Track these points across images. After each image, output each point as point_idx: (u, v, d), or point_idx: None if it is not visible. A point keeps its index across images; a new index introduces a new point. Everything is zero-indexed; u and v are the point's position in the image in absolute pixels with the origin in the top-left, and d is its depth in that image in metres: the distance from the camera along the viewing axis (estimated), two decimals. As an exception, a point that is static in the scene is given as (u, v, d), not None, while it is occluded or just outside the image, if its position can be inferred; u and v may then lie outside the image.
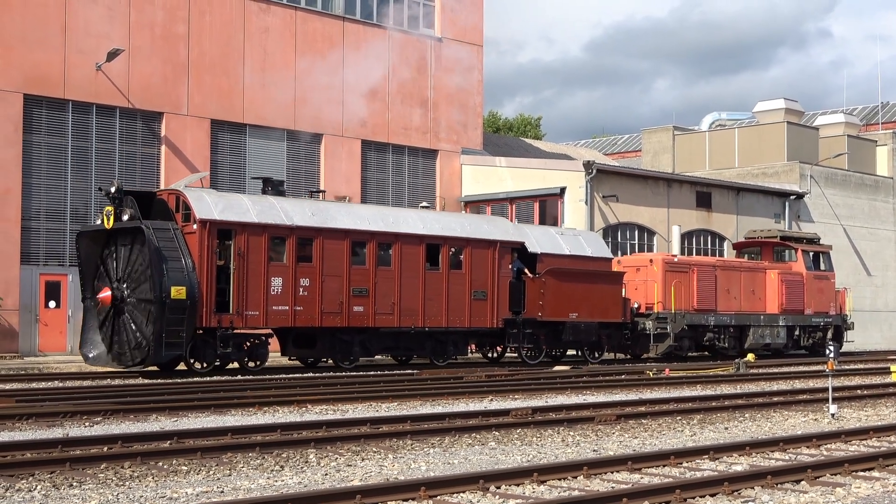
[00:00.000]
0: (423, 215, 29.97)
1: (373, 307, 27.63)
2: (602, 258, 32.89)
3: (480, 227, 30.48)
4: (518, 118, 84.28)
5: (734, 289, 36.65)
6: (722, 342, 36.17)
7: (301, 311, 26.36)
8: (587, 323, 31.81)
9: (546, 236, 32.01)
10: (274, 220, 26.05)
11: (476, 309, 29.65)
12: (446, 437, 14.19)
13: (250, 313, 25.52)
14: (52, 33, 32.06)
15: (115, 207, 25.02)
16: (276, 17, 37.11)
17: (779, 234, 40.32)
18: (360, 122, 39.25)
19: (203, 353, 25.44)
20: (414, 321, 28.46)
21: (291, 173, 37.36)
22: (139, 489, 10.23)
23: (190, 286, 24.32)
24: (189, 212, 25.10)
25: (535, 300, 30.63)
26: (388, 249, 28.14)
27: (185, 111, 34.74)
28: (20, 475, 10.70)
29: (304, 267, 26.50)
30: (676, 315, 34.32)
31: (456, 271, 29.45)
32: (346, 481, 10.79)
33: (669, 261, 35.21)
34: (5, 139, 30.89)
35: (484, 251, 29.96)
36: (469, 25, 42.88)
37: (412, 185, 41.02)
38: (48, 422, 15.30)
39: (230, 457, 12.10)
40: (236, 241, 25.35)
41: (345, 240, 27.16)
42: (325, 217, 27.13)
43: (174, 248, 24.47)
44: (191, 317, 24.40)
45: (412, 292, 28.38)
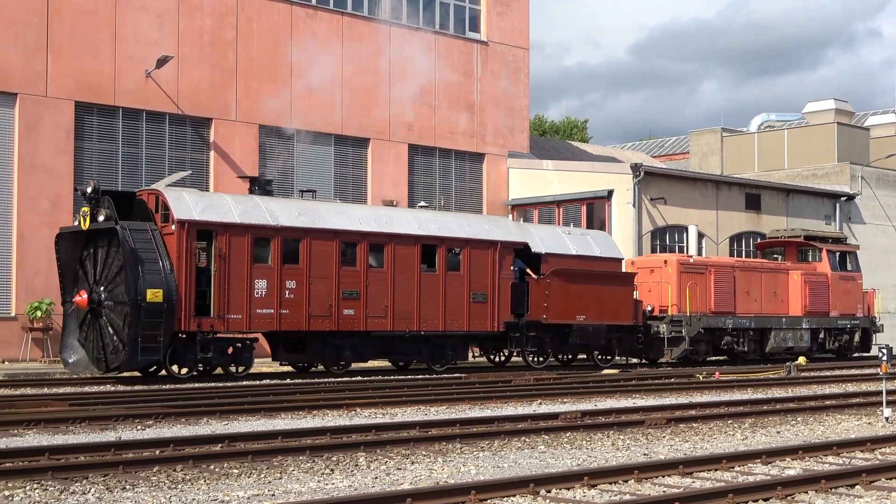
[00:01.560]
0: (420, 215, 29.10)
1: (364, 310, 26.73)
2: (612, 258, 31.87)
3: (480, 227, 29.60)
4: (564, 121, 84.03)
5: (754, 290, 35.53)
6: (741, 346, 34.96)
7: (287, 315, 25.53)
8: (595, 326, 30.74)
9: (551, 236, 31.11)
10: (258, 220, 25.24)
11: (475, 312, 28.74)
12: (495, 440, 14.16)
13: (232, 317, 24.71)
14: (103, 41, 32.42)
15: (91, 208, 24.25)
16: (323, 22, 37.28)
17: (802, 233, 39.17)
18: (406, 127, 39.33)
19: (183, 358, 24.63)
20: (408, 325, 27.55)
21: (338, 178, 37.50)
22: (191, 492, 10.30)
23: (167, 289, 23.50)
24: (168, 212, 24.31)
25: (540, 302, 29.65)
26: (380, 250, 27.25)
27: (234, 117, 34.98)
28: (74, 478, 10.81)
29: (291, 269, 25.66)
30: (692, 318, 33.28)
31: (453, 273, 28.51)
32: (396, 485, 10.80)
33: (685, 262, 34.18)
34: (57, 146, 31.27)
35: (483, 252, 29.01)
36: (515, 29, 42.83)
37: (459, 189, 41.03)
38: (101, 425, 15.44)
39: (280, 460, 12.15)
40: (217, 242, 24.51)
41: (334, 240, 26.29)
42: (312, 217, 26.30)
43: (151, 249, 23.67)
44: (168, 320, 23.53)
45: (406, 295, 27.49)
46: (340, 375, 26.64)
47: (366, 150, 38.39)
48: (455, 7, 41.27)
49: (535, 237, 30.41)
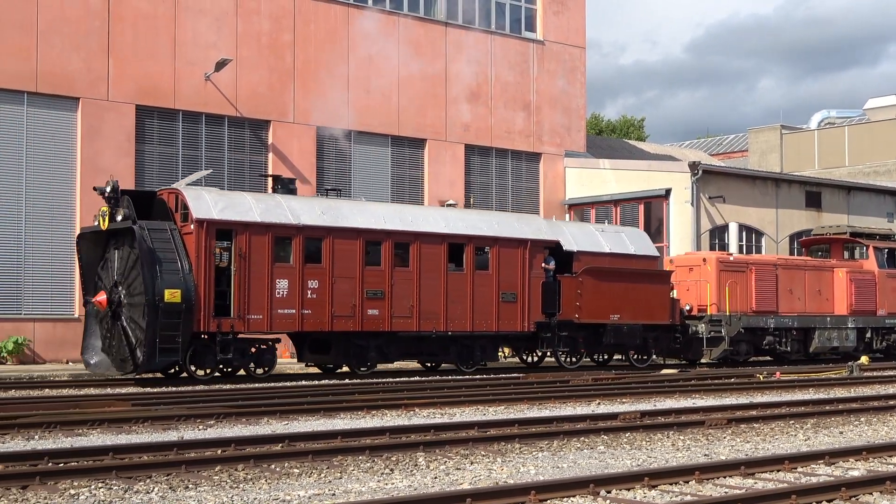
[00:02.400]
0: (447, 214, 28.63)
1: (389, 310, 26.32)
2: (647, 256, 31.28)
3: (509, 225, 29.04)
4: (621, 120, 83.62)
5: (797, 289, 34.51)
6: (784, 346, 33.95)
7: (309, 315, 25.14)
8: (630, 325, 30.17)
9: (584, 234, 30.58)
10: (279, 219, 24.90)
11: (505, 311, 28.24)
12: (554, 440, 14.13)
13: (253, 317, 24.38)
14: (163, 45, 32.80)
15: (109, 208, 24.03)
16: (380, 23, 37.39)
17: (848, 230, 38.03)
18: (463, 127, 39.35)
19: (203, 360, 24.32)
20: (435, 325, 27.11)
21: (395, 179, 37.61)
22: (252, 491, 10.38)
23: (185, 289, 23.22)
24: (187, 211, 24.04)
25: (572, 301, 29.17)
26: (405, 249, 26.82)
27: (292, 119, 35.21)
28: (138, 477, 10.94)
29: (313, 268, 25.27)
30: (732, 317, 32.44)
31: (482, 272, 28.03)
32: (456, 485, 10.81)
33: (724, 260, 33.27)
34: (119, 149, 31.68)
35: (513, 250, 28.49)
36: (571, 28, 42.69)
37: (515, 188, 40.98)
38: (163, 425, 15.61)
39: (340, 459, 12.22)
40: (237, 242, 24.21)
41: (357, 239, 25.91)
42: (335, 216, 25.88)
43: (170, 248, 23.41)
44: (187, 321, 23.24)
45: (433, 294, 27.03)
46: (366, 377, 26.26)
47: (422, 151, 38.47)
48: (511, 7, 41.23)
49: (567, 235, 29.91)
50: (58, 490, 10.23)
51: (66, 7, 31.15)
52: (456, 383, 24.10)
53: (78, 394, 20.96)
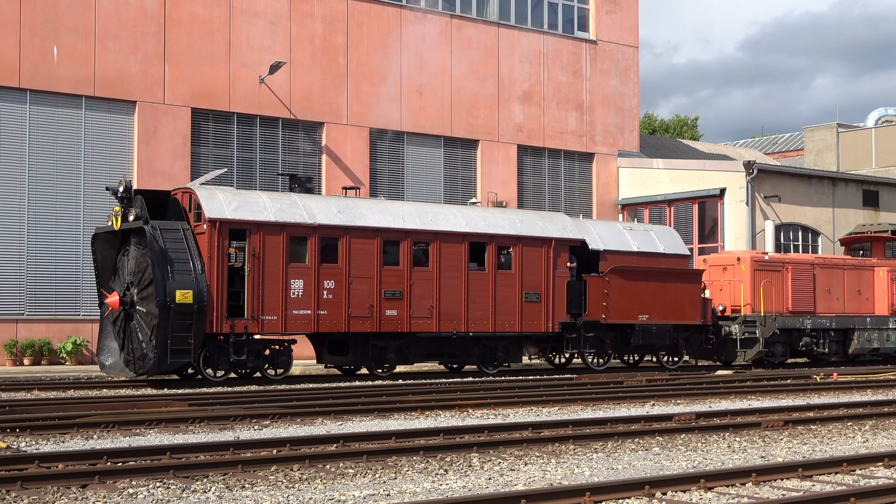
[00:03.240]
0: (468, 212, 28.05)
1: (408, 311, 25.91)
2: (677, 255, 30.68)
3: (533, 224, 28.48)
4: (674, 119, 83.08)
5: (836, 289, 33.68)
6: (821, 347, 33.12)
7: (325, 316, 24.78)
8: (660, 325, 29.63)
9: (611, 232, 30.03)
10: (294, 218, 24.55)
11: (528, 312, 27.69)
12: (609, 441, 14.08)
13: (267, 318, 24.05)
14: (218, 49, 33.11)
15: (122, 207, 23.75)
16: (432, 24, 37.48)
17: (889, 227, 37.16)
18: (515, 127, 39.32)
19: (216, 361, 24.00)
20: (456, 326, 26.66)
21: (448, 179, 37.66)
22: (308, 491, 10.45)
23: (198, 289, 22.93)
24: (200, 211, 23.71)
25: (599, 301, 28.67)
26: (425, 249, 26.40)
27: (345, 120, 35.38)
28: (195, 476, 11.05)
29: (329, 268, 24.91)
30: (766, 318, 31.70)
31: (504, 271, 27.53)
32: (510, 486, 10.82)
33: (759, 259, 32.48)
34: (174, 152, 32.02)
35: (537, 249, 27.95)
36: (624, 27, 42.50)
37: (568, 189, 40.87)
38: (219, 425, 15.76)
39: (395, 460, 12.26)
40: (251, 241, 23.89)
41: (375, 239, 25.51)
42: (352, 215, 25.50)
43: (182, 249, 23.11)
44: (199, 322, 22.94)
45: (453, 295, 26.60)
46: (385, 378, 25.98)
47: (475, 152, 38.48)
48: (563, 7, 41.13)
49: (594, 234, 29.40)
50: (117, 489, 10.37)
51: (122, 12, 31.54)
52: (509, 384, 24.10)
53: (135, 394, 21.23)
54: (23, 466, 11.28)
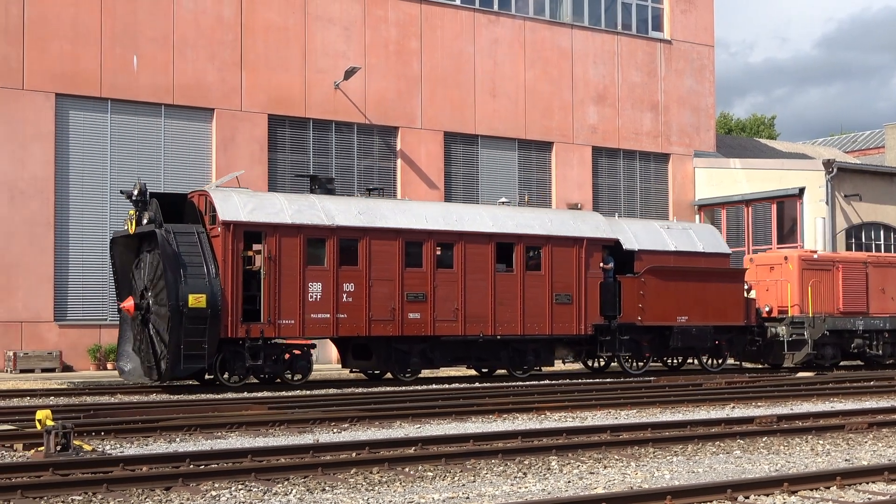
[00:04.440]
0: (495, 212, 27.32)
1: (432, 313, 25.19)
2: (717, 254, 29.79)
3: (564, 223, 27.65)
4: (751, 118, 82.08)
5: (891, 288, 32.27)
6: (875, 349, 31.74)
7: (345, 319, 24.15)
8: (700, 327, 28.74)
9: (647, 231, 29.16)
10: (311, 220, 23.99)
11: (559, 314, 26.82)
12: (689, 444, 13.94)
13: (284, 322, 23.51)
14: (293, 55, 33.43)
15: (136, 211, 23.43)
16: (505, 27, 37.47)
17: None
18: (590, 129, 39.16)
19: (232, 366, 23.44)
20: (483, 329, 25.87)
21: (523, 182, 37.61)
22: (388, 494, 10.49)
23: (211, 294, 22.45)
24: (215, 213, 23.30)
25: (634, 303, 27.81)
26: (449, 250, 25.67)
27: (420, 125, 35.52)
28: (276, 479, 11.15)
29: (349, 270, 24.29)
30: (815, 319, 30.57)
31: (533, 272, 26.70)
32: (590, 489, 10.76)
33: (807, 258, 31.38)
34: (252, 158, 32.39)
35: (567, 249, 27.12)
36: (699, 26, 42.11)
37: (644, 190, 40.59)
38: (299, 428, 15.88)
39: (473, 463, 12.26)
40: (267, 244, 23.39)
41: (396, 240, 24.87)
42: (373, 216, 24.89)
43: (196, 252, 22.66)
44: (213, 327, 22.46)
45: (480, 297, 25.82)
46: (409, 383, 25.24)
47: (550, 154, 38.38)
48: (637, 7, 40.88)
49: (628, 233, 28.60)
50: (199, 491, 10.50)
51: (200, 20, 32.00)
52: (586, 387, 23.98)
53: (216, 397, 21.48)
54: (108, 469, 11.48)
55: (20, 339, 29.10)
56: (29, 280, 29.25)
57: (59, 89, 30.05)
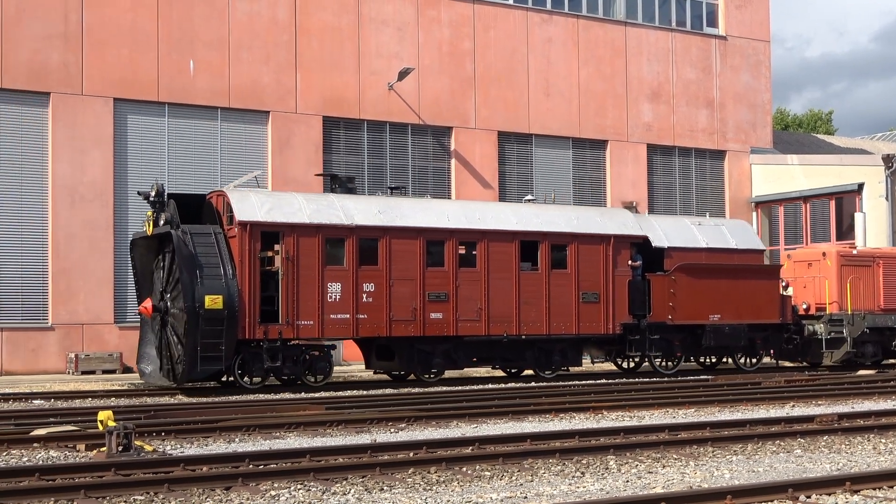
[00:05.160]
0: (520, 210, 26.95)
1: (454, 313, 24.83)
2: (751, 250, 29.14)
3: (590, 220, 27.22)
4: (807, 114, 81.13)
5: None
6: None
7: (365, 320, 23.84)
8: (734, 325, 28.17)
9: (677, 228, 28.64)
10: (330, 219, 23.73)
11: (586, 313, 26.35)
12: (748, 444, 13.84)
13: (303, 323, 23.24)
14: (347, 57, 33.59)
15: (154, 212, 23.23)
16: (559, 26, 37.38)
17: None
18: (644, 127, 38.94)
19: (251, 368, 23.23)
20: (507, 328, 25.47)
21: (577, 181, 37.49)
22: (446, 493, 10.51)
23: (228, 295, 22.25)
24: (232, 214, 23.17)
25: (664, 301, 27.29)
26: (472, 248, 25.29)
27: (473, 124, 35.53)
28: (334, 479, 11.21)
29: (368, 270, 23.99)
30: (854, 316, 29.87)
31: (559, 271, 26.22)
32: (648, 488, 10.72)
33: (846, 254, 30.72)
34: (307, 159, 32.59)
35: (594, 247, 26.67)
36: (755, 22, 41.72)
37: (700, 187, 40.29)
38: (356, 428, 15.95)
39: (531, 462, 12.25)
40: (284, 244, 23.11)
41: (417, 239, 24.53)
42: (393, 215, 24.61)
43: (212, 253, 22.50)
44: (230, 328, 22.27)
45: (503, 296, 25.43)
46: (433, 384, 24.99)
47: (604, 152, 38.22)
48: (692, 3, 40.59)
49: (658, 230, 28.09)
50: (259, 491, 10.59)
51: (255, 24, 32.26)
52: (643, 386, 23.86)
53: (274, 398, 21.63)
54: (169, 469, 11.61)
55: (81, 341, 29.51)
56: (89, 283, 29.64)
57: (117, 94, 30.43)
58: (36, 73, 29.47)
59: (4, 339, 28.72)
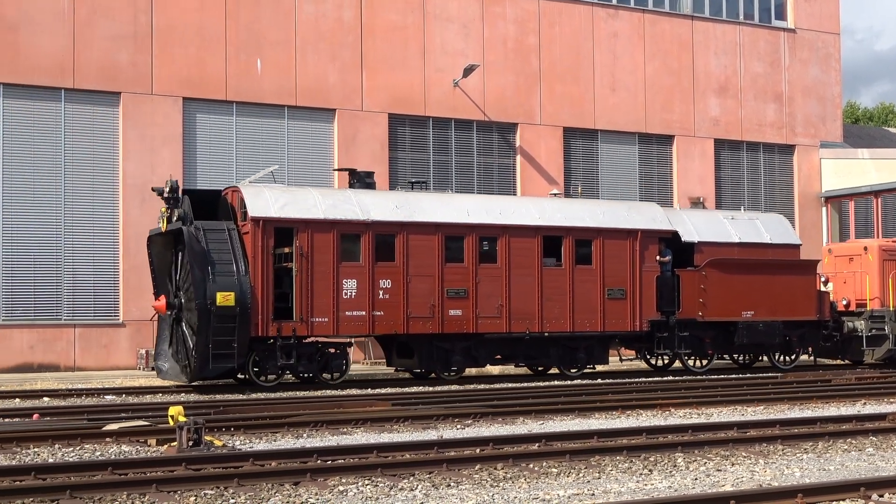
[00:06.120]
0: (542, 204, 26.55)
1: (474, 310, 24.50)
2: (786, 245, 28.53)
3: (616, 215, 26.75)
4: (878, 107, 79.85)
5: None
6: None
7: (381, 317, 23.57)
8: (768, 322, 27.47)
9: (708, 223, 28.10)
10: (345, 215, 23.46)
11: (611, 309, 25.93)
12: (819, 441, 13.68)
13: (317, 320, 23.00)
14: (412, 55, 33.68)
15: (168, 208, 23.08)
16: (624, 21, 37.15)
17: None
18: (711, 122, 38.57)
19: (265, 366, 23.06)
20: (529, 325, 25.08)
21: (643, 177, 37.23)
22: (512, 490, 10.52)
23: (240, 291, 22.06)
24: (245, 210, 22.96)
25: (694, 297, 26.77)
26: (492, 244, 24.92)
27: (539, 120, 35.44)
28: (401, 475, 11.27)
29: (385, 266, 23.73)
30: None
31: (584, 266, 25.83)
32: (717, 486, 10.64)
33: (889, 248, 29.72)
34: (373, 157, 32.73)
35: (621, 242, 26.24)
36: (824, 14, 41.12)
37: (768, 182, 39.81)
38: (422, 424, 16.02)
39: (598, 459, 12.22)
40: (298, 240, 22.90)
41: (435, 234, 24.23)
42: (410, 210, 24.30)
43: (225, 249, 22.31)
44: (242, 326, 22.07)
45: (525, 292, 25.03)
46: (453, 382, 24.71)
47: (671, 148, 37.92)
48: (760, -4, 40.13)
49: (688, 224, 27.62)
50: (327, 486, 10.67)
51: (321, 23, 32.46)
52: (711, 383, 23.67)
53: (341, 394, 21.78)
54: (238, 464, 11.75)
55: (151, 338, 29.87)
56: (159, 280, 29.99)
57: (186, 93, 30.80)
58: (107, 74, 29.93)
59: (77, 335, 29.21)
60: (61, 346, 29.01)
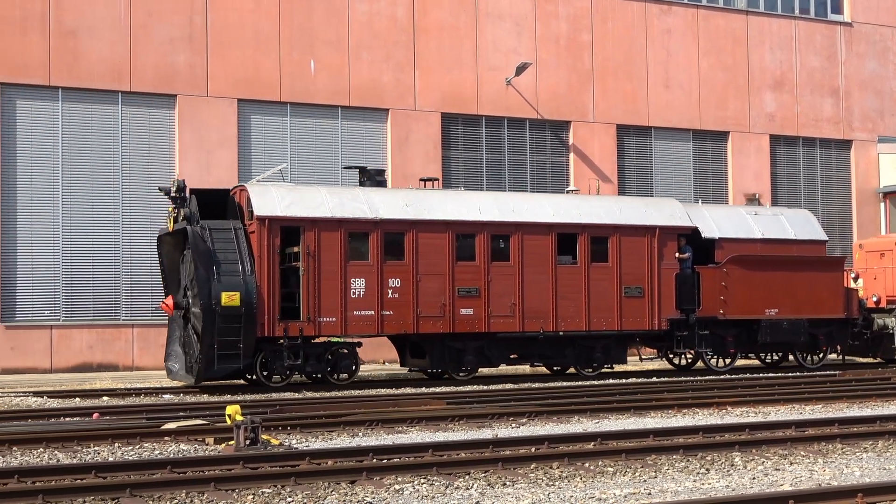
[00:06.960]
0: (557, 201, 26.11)
1: (486, 309, 24.16)
2: (812, 241, 27.79)
3: (634, 211, 26.25)
4: (940, 100, 78.67)
5: None
6: None
7: (390, 317, 23.29)
8: (792, 320, 26.82)
9: (730, 218, 27.48)
10: (353, 213, 23.24)
11: (629, 308, 25.44)
12: (879, 441, 13.52)
13: (325, 320, 22.81)
14: (465, 53, 33.71)
15: (175, 208, 23.01)
16: (678, 17, 36.91)
17: None
18: (767, 117, 38.21)
19: (272, 366, 22.93)
20: (543, 325, 24.66)
21: (697, 173, 36.97)
22: (568, 489, 10.51)
23: (246, 291, 21.90)
24: (252, 208, 22.87)
25: (715, 295, 26.19)
26: (505, 242, 24.56)
27: (592, 118, 35.31)
28: (457, 473, 11.30)
29: (394, 265, 23.48)
30: None
31: (599, 264, 25.38)
32: (776, 486, 10.55)
33: None
34: (426, 156, 32.81)
35: (638, 239, 25.71)
36: (882, 7, 40.58)
37: (825, 178, 39.35)
38: (477, 423, 16.05)
39: (654, 459, 12.17)
40: (305, 239, 22.71)
41: (446, 232, 23.92)
42: (420, 208, 23.98)
43: (231, 249, 22.18)
44: (248, 326, 21.88)
45: (539, 291, 24.65)
46: (465, 383, 24.33)
47: (725, 144, 37.62)
48: (815, -11, 39.69)
49: (709, 220, 27.01)
50: (383, 485, 10.73)
51: (374, 23, 32.58)
52: (768, 381, 23.47)
53: (395, 393, 21.85)
54: (295, 463, 11.84)
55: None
56: (216, 280, 30.26)
57: (241, 95, 31.05)
58: (163, 76, 30.26)
59: (136, 335, 29.57)
60: (120, 346, 29.40)
